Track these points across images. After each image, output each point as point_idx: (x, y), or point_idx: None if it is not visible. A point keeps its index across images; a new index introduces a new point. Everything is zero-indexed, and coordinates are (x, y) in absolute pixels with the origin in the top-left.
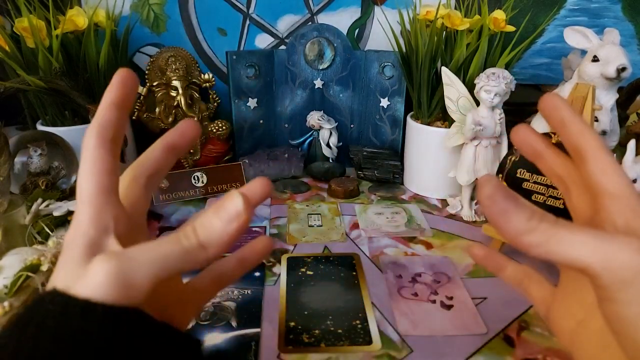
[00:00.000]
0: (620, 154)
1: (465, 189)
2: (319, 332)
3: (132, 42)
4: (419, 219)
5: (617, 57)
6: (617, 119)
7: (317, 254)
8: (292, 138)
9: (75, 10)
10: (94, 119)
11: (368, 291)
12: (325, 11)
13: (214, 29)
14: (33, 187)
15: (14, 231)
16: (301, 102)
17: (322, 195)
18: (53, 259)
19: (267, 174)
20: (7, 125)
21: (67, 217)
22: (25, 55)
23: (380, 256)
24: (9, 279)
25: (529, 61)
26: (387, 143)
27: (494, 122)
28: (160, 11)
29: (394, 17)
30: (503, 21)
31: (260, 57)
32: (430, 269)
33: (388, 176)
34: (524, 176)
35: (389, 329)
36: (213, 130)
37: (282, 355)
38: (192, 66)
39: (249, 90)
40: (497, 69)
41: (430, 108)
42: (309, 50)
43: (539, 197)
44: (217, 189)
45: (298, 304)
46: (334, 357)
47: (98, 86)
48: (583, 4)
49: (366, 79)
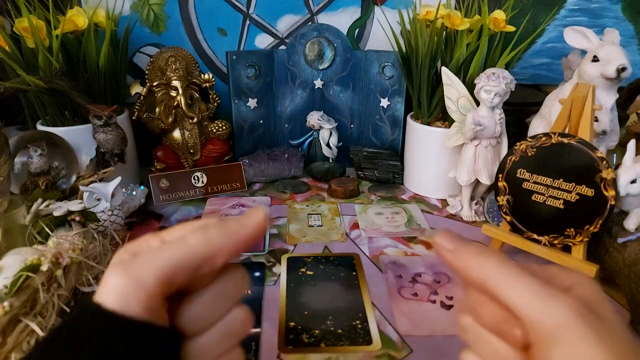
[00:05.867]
0: (620, 154)
1: (465, 189)
2: (319, 332)
3: (132, 42)
4: (419, 219)
5: (617, 57)
6: (617, 119)
7: (317, 254)
8: (292, 138)
9: (75, 10)
10: (241, 222)
11: (368, 291)
12: (325, 11)
13: (214, 29)
14: (33, 187)
15: (14, 231)
16: (301, 102)
17: (322, 195)
18: (53, 259)
19: (267, 174)
20: (7, 125)
21: (67, 217)
22: (25, 55)
23: (380, 256)
24: (9, 279)
25: (529, 61)
26: (387, 143)
27: (494, 122)
28: (160, 11)
29: (394, 17)
30: (503, 21)
31: (260, 57)
32: (430, 269)
33: (388, 176)
34: (524, 176)
35: (389, 329)
36: (213, 130)
37: (282, 355)
38: (192, 66)
39: (249, 90)
40: (497, 69)
41: (430, 108)
42: (309, 50)
43: (539, 197)
44: (217, 189)
45: (298, 304)
46: (334, 357)
47: (98, 86)
48: (583, 4)
49: (366, 79)
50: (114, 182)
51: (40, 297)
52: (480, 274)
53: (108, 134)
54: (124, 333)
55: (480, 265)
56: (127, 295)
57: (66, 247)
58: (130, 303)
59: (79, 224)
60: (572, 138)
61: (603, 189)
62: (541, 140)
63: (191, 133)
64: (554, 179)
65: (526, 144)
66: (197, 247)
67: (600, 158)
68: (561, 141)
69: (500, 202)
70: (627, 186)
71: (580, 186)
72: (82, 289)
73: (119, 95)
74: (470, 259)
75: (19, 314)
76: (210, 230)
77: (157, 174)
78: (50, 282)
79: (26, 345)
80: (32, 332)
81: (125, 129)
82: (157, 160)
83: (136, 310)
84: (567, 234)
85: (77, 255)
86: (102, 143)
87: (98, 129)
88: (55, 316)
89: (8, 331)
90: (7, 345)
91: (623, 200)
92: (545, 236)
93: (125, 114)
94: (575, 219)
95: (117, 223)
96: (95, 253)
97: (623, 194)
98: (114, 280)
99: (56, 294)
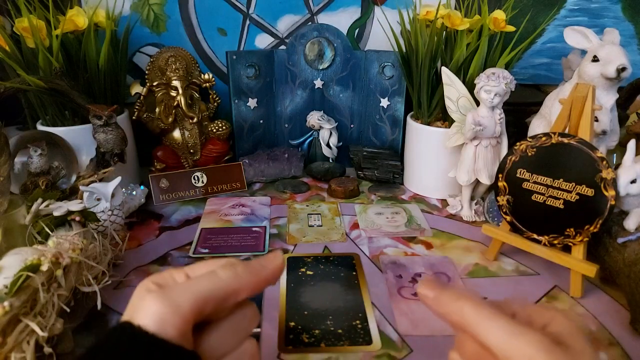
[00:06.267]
0: (620, 154)
1: (465, 189)
2: (319, 332)
3: (132, 42)
4: (419, 219)
5: (617, 57)
6: (617, 119)
7: (317, 254)
8: (292, 138)
9: (75, 10)
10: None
11: (368, 291)
12: (325, 11)
13: (214, 29)
14: (33, 187)
15: (14, 231)
16: (301, 102)
17: (322, 195)
18: (53, 259)
19: (267, 174)
20: (7, 125)
21: (67, 217)
22: (25, 55)
23: (380, 256)
24: (9, 279)
25: (529, 61)
26: (387, 143)
27: (494, 122)
28: (160, 11)
29: (394, 17)
30: (503, 21)
31: (260, 57)
32: (430, 269)
33: (388, 176)
34: (524, 176)
35: (389, 329)
36: (213, 130)
37: (282, 355)
38: (192, 66)
39: (249, 90)
40: (497, 69)
41: (430, 108)
42: (309, 50)
43: (539, 197)
44: (217, 189)
45: (298, 304)
46: (334, 357)
47: (98, 86)
48: (583, 4)
49: (366, 79)
50: (114, 182)
51: (40, 297)
52: (459, 317)
53: (108, 134)
54: (163, 355)
55: (458, 309)
56: (165, 320)
57: (66, 247)
58: (167, 327)
59: (79, 224)
60: (572, 138)
61: (603, 189)
62: (541, 140)
63: (191, 133)
64: (554, 179)
65: (526, 144)
66: (228, 281)
67: (600, 158)
68: (561, 141)
69: (500, 202)
70: (627, 186)
71: (580, 186)
72: (82, 289)
73: (119, 95)
74: (449, 304)
75: (19, 314)
76: (237, 267)
77: (157, 174)
78: (50, 282)
79: (26, 345)
80: (32, 332)
81: (125, 129)
82: (157, 160)
83: (171, 334)
84: (567, 234)
85: (77, 255)
86: (102, 143)
87: (98, 129)
88: (55, 316)
89: (8, 331)
90: (7, 345)
91: (623, 200)
92: (545, 236)
93: (125, 114)
94: (575, 219)
95: (117, 223)
96: (95, 253)
97: (623, 194)
98: (152, 305)
99: (56, 294)
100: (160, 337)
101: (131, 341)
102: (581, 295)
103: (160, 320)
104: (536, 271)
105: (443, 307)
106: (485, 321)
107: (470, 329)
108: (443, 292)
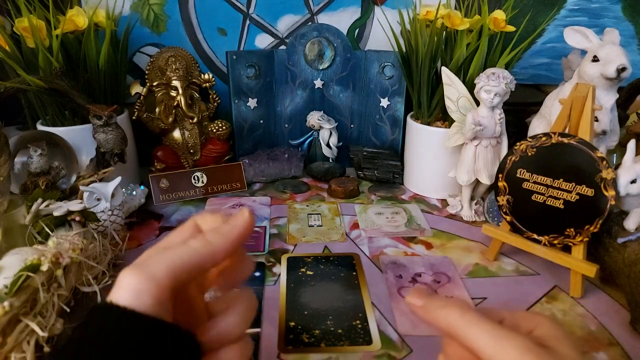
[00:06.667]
0: (620, 154)
1: (465, 189)
2: (319, 332)
3: (132, 42)
4: (419, 219)
5: (617, 57)
6: (617, 119)
7: (317, 254)
8: (292, 138)
9: (75, 10)
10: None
11: (368, 291)
12: (325, 11)
13: (214, 29)
14: (33, 187)
15: (14, 231)
16: (301, 102)
17: (322, 195)
18: (53, 259)
19: (267, 174)
20: (7, 125)
21: (67, 217)
22: (25, 55)
23: (380, 256)
24: (9, 279)
25: (529, 61)
26: (387, 143)
27: (494, 122)
28: (160, 11)
29: (394, 17)
30: (503, 21)
31: (260, 57)
32: (430, 269)
33: (388, 176)
34: (524, 176)
35: (389, 329)
36: (213, 130)
37: (282, 355)
38: (192, 66)
39: (249, 90)
40: (497, 69)
41: (430, 108)
42: (309, 50)
43: (539, 197)
44: (217, 189)
45: (298, 304)
46: (334, 357)
47: (98, 86)
48: (583, 4)
49: (366, 79)
50: (114, 182)
51: (40, 297)
52: (446, 323)
53: (108, 134)
54: (136, 326)
55: (445, 316)
56: (141, 290)
57: (66, 247)
58: (143, 296)
59: (79, 224)
60: (572, 138)
61: (603, 189)
62: (541, 140)
63: (191, 133)
64: (553, 179)
65: (526, 144)
66: (199, 249)
67: (600, 158)
68: (561, 141)
69: (500, 202)
70: (627, 186)
71: (580, 186)
72: (82, 288)
73: (119, 95)
74: (436, 311)
75: (19, 314)
76: (207, 234)
77: (157, 174)
78: (50, 282)
79: (26, 345)
80: (32, 332)
81: (125, 129)
82: (157, 160)
83: (148, 303)
84: (567, 234)
85: (77, 255)
86: (102, 143)
87: (98, 129)
88: (55, 316)
89: (8, 331)
90: (7, 345)
91: (623, 200)
92: (545, 236)
93: (125, 114)
94: (575, 219)
95: (117, 223)
96: (95, 253)
97: (623, 194)
98: (128, 279)
99: (56, 293)
100: (132, 309)
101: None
102: (581, 295)
103: (135, 291)
104: (536, 271)
105: (431, 314)
106: (471, 326)
107: (457, 333)
108: (431, 300)
